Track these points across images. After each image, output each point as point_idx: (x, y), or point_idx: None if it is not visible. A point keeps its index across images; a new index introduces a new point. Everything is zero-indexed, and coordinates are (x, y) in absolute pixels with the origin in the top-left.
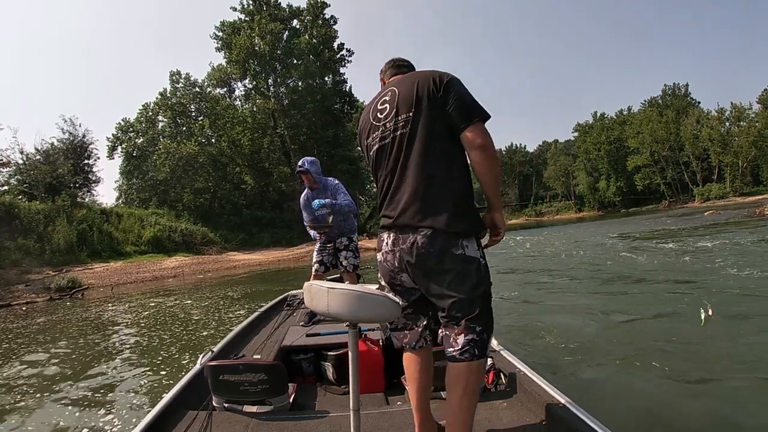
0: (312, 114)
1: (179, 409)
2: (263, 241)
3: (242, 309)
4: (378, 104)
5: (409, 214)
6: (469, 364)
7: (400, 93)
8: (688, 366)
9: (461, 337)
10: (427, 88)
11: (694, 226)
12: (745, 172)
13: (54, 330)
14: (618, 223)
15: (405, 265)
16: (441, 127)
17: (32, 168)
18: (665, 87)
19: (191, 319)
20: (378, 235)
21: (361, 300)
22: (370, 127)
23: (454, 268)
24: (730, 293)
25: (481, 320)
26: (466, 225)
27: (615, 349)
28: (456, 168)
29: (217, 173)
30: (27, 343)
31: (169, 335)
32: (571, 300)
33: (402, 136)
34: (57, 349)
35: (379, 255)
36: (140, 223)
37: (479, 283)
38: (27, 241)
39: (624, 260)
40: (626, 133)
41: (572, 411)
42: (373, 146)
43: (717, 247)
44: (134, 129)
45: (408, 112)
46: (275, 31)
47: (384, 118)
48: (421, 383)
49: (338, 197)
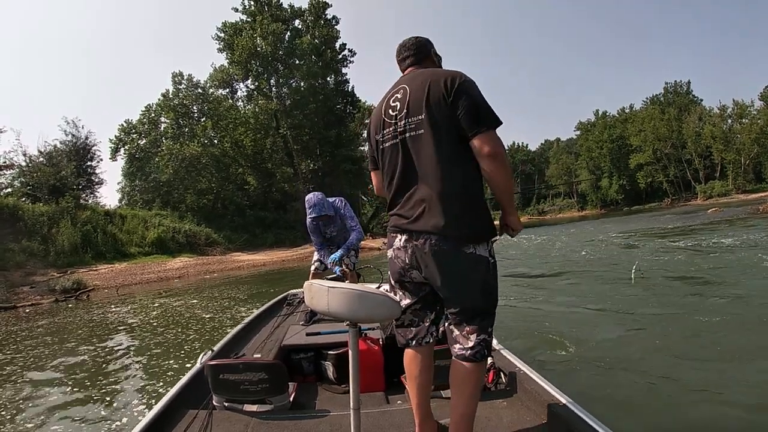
0: (314, 114)
1: (179, 408)
2: (267, 242)
3: (250, 308)
4: (390, 100)
5: (421, 222)
6: (479, 364)
7: (411, 93)
8: (688, 366)
9: (473, 337)
10: (438, 92)
11: (701, 223)
12: (748, 169)
13: (61, 331)
14: (621, 221)
15: (417, 262)
16: (451, 132)
17: (36, 170)
18: (667, 85)
19: (198, 319)
20: (388, 234)
21: (361, 299)
22: (382, 122)
23: (464, 267)
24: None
25: (490, 320)
26: (477, 231)
27: (615, 348)
28: (467, 172)
29: (220, 174)
30: (34, 345)
31: (176, 335)
32: (572, 299)
33: (412, 138)
34: (63, 350)
35: (390, 251)
36: (144, 224)
37: (488, 282)
38: (31, 243)
39: (626, 258)
40: (628, 131)
41: (572, 410)
42: (383, 143)
43: (723, 246)
44: (137, 130)
45: (418, 115)
46: (277, 31)
47: (395, 116)
48: (422, 381)
49: (346, 222)
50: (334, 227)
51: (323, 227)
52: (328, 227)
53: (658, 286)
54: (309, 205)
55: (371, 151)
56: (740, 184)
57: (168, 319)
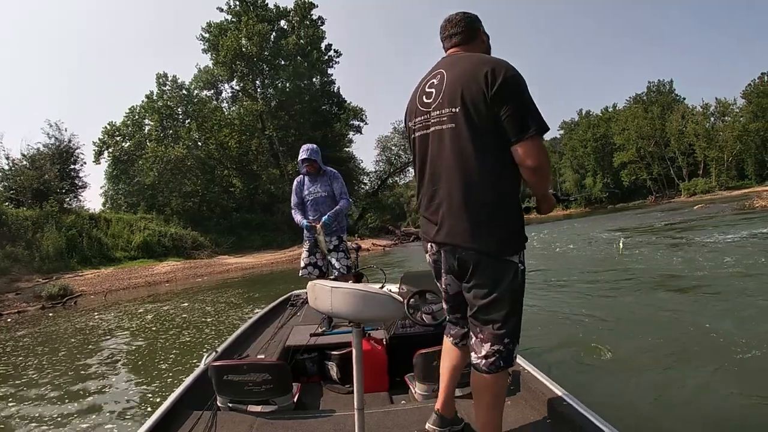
0: (300, 115)
1: (184, 410)
2: (254, 244)
3: (243, 311)
4: (426, 86)
5: (444, 231)
6: (494, 376)
7: (447, 81)
8: (688, 366)
9: (487, 345)
10: (478, 85)
11: (693, 218)
12: (730, 166)
13: (53, 340)
14: (606, 218)
15: (449, 268)
16: (488, 132)
17: (19, 174)
18: (650, 84)
19: (192, 322)
20: (422, 238)
21: (365, 299)
22: (416, 110)
23: (491, 273)
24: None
25: (508, 327)
26: (506, 243)
27: (619, 346)
28: (501, 178)
29: (205, 176)
30: (24, 354)
31: (170, 339)
32: (572, 298)
33: (444, 132)
34: (58, 356)
35: (427, 256)
36: (129, 228)
37: (513, 287)
38: (15, 248)
39: (622, 257)
40: (612, 129)
41: (576, 409)
42: (415, 131)
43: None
44: (121, 133)
45: (453, 107)
46: (263, 32)
47: (429, 104)
48: (451, 365)
49: (335, 187)
50: (320, 187)
51: (309, 184)
52: (313, 184)
53: (659, 285)
54: (302, 150)
55: (407, 136)
56: (723, 181)
57: (161, 324)
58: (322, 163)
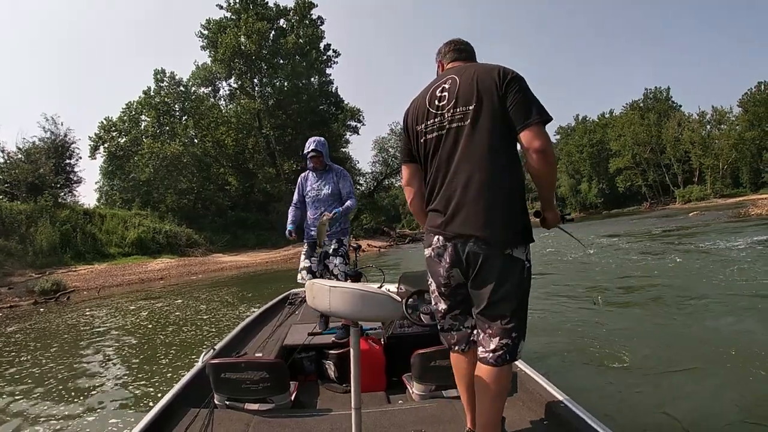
0: (298, 115)
1: (181, 407)
2: (249, 243)
3: (238, 310)
4: (437, 91)
5: (458, 221)
6: (501, 369)
7: (461, 83)
8: (686, 372)
9: (496, 340)
10: (490, 83)
11: (688, 225)
12: (726, 174)
13: (45, 336)
14: (600, 224)
15: (457, 261)
16: (499, 125)
17: (14, 167)
18: (647, 91)
19: (187, 320)
20: (426, 232)
21: (363, 299)
22: (426, 113)
23: (499, 269)
24: None
25: (516, 322)
26: (518, 234)
27: (615, 348)
28: (513, 170)
29: (201, 174)
30: (17, 350)
31: (165, 336)
32: (571, 299)
33: (458, 129)
34: (51, 352)
35: (427, 250)
36: (123, 224)
37: (520, 284)
38: (8, 242)
39: (620, 261)
40: (608, 135)
41: (573, 410)
42: (426, 134)
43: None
44: (117, 128)
45: (467, 105)
46: (262, 30)
47: (443, 106)
48: (468, 382)
49: (342, 186)
50: (325, 185)
51: (313, 180)
52: (318, 181)
53: (657, 293)
54: (309, 142)
55: (407, 142)
56: (718, 189)
57: (156, 321)
58: (329, 159)
